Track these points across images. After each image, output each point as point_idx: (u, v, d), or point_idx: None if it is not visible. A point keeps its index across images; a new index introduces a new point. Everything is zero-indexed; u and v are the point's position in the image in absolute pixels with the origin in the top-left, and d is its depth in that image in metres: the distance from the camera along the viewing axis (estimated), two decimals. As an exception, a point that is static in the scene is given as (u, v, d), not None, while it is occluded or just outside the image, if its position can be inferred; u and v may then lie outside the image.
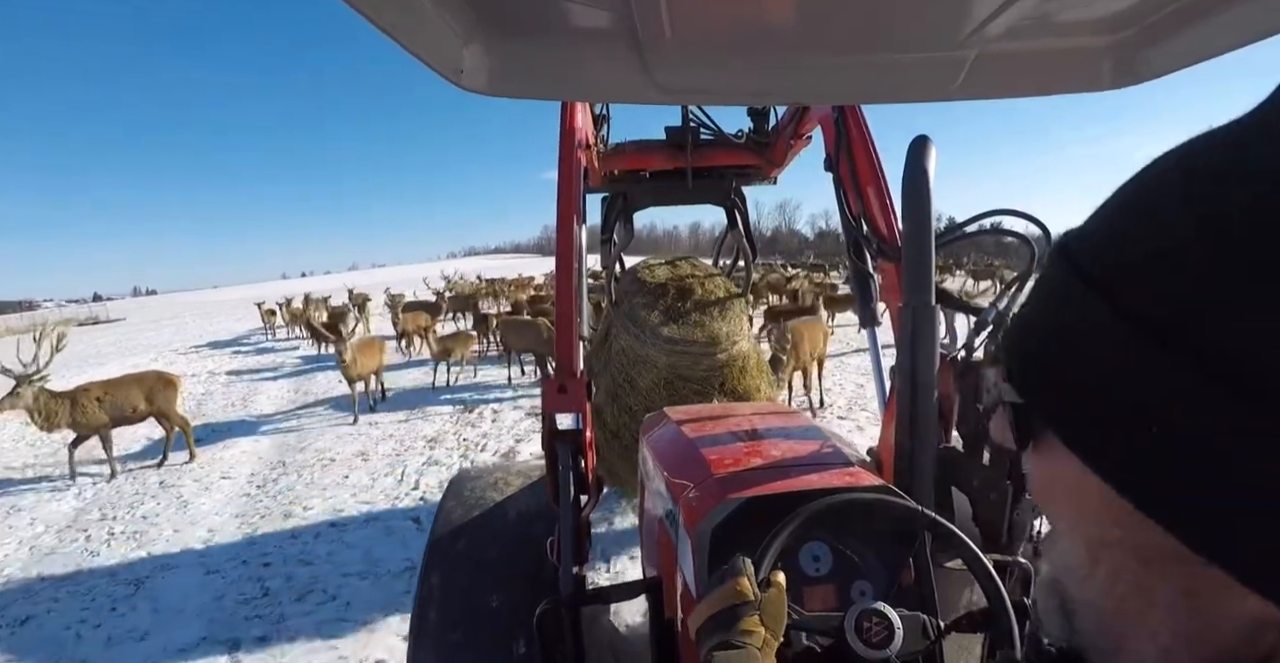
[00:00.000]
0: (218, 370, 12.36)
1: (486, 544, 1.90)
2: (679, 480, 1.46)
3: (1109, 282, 0.26)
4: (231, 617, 3.48)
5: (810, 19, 1.00)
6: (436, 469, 5.65)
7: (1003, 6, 0.90)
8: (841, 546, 1.15)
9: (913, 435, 1.34)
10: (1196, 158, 0.26)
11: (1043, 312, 0.30)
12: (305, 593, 3.67)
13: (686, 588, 1.25)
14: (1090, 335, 0.26)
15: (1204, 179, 0.25)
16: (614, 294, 3.14)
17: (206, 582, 3.91)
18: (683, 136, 2.49)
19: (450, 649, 1.73)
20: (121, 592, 3.86)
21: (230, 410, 8.85)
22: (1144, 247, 0.25)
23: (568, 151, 1.87)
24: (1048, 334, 0.29)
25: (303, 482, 5.63)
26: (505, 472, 2.23)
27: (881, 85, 1.15)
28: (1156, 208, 0.26)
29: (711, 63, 1.12)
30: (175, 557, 4.31)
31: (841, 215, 1.86)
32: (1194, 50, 0.93)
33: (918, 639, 0.84)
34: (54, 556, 4.44)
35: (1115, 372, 0.25)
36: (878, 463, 1.58)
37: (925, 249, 1.27)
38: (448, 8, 0.91)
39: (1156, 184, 0.27)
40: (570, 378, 1.63)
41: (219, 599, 3.67)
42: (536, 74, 1.10)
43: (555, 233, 1.81)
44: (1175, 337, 0.23)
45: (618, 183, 2.69)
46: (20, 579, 4.13)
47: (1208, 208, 0.23)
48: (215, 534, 4.63)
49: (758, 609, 0.74)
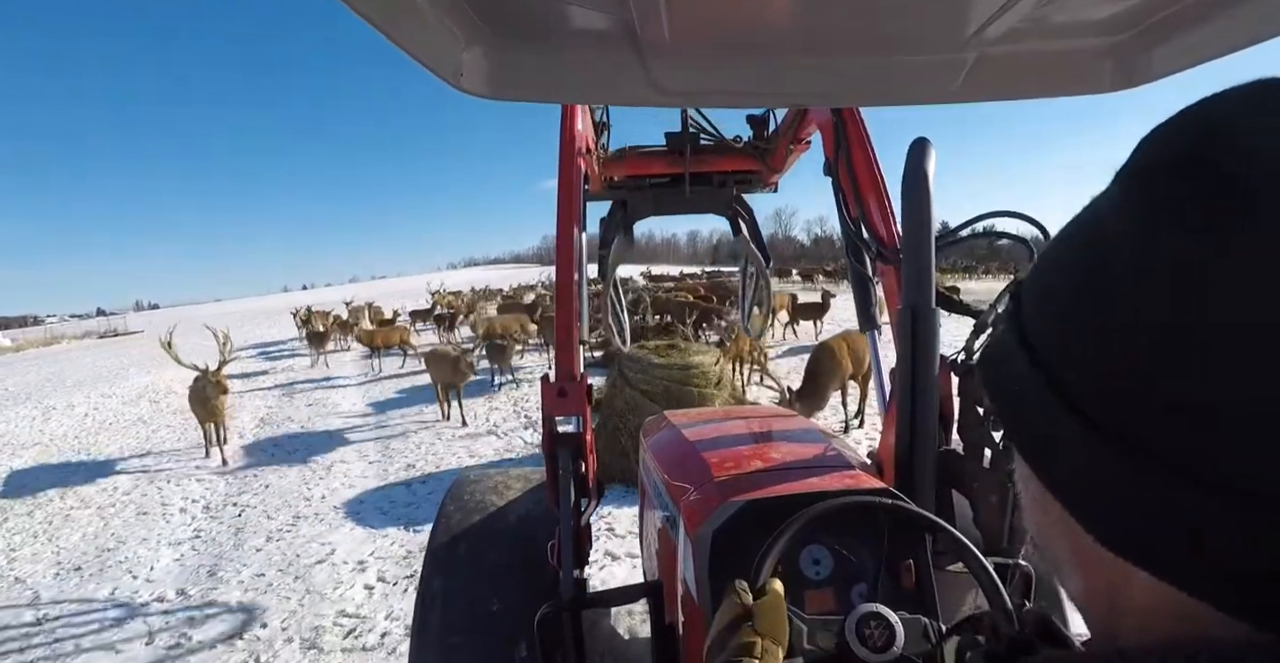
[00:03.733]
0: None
1: (487, 548, 1.89)
2: (679, 484, 1.46)
3: (1026, 329, 0.34)
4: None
5: (810, 21, 0.99)
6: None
7: (1003, 9, 0.90)
8: (842, 549, 1.14)
9: (913, 438, 1.33)
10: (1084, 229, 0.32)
11: (996, 341, 0.38)
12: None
13: (687, 592, 1.24)
14: (1010, 364, 0.34)
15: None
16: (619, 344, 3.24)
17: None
18: (682, 142, 2.48)
19: (452, 653, 1.72)
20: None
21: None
22: (1045, 298, 0.33)
23: (568, 158, 1.87)
24: (997, 360, 0.36)
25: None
26: (505, 476, 2.22)
27: (882, 87, 1.15)
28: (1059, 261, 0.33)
29: (711, 65, 1.12)
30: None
31: (840, 219, 1.85)
32: (1194, 52, 0.93)
33: (919, 642, 0.83)
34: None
35: (1021, 394, 0.33)
36: (878, 466, 1.58)
37: (925, 251, 1.27)
38: (447, 12, 0.91)
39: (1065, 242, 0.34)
40: (570, 381, 1.61)
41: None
42: (536, 77, 1.10)
43: (555, 238, 1.80)
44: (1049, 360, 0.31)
45: (618, 190, 2.68)
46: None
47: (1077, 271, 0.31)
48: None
49: (751, 621, 0.73)
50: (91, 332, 40.12)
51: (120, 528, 5.31)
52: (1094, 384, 0.29)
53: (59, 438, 9.03)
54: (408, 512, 5.17)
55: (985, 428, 1.35)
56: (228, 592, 4.05)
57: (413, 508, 5.24)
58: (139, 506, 5.83)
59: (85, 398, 12.37)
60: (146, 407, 10.98)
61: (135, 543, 4.97)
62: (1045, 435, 0.31)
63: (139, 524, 5.37)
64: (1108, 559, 0.30)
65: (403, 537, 4.66)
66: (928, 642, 0.84)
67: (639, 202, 2.61)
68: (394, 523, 4.96)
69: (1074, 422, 0.29)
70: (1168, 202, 0.27)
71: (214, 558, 4.59)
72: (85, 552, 4.89)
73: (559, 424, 1.62)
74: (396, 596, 3.83)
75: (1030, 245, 1.30)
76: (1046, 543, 0.36)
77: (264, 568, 4.36)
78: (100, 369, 17.85)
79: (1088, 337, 0.29)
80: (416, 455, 6.69)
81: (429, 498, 5.31)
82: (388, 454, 6.83)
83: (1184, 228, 0.26)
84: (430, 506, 4.99)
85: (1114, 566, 0.30)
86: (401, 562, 4.25)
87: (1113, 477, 0.28)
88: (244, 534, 5.02)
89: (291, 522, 5.17)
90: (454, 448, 6.85)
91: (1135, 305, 0.27)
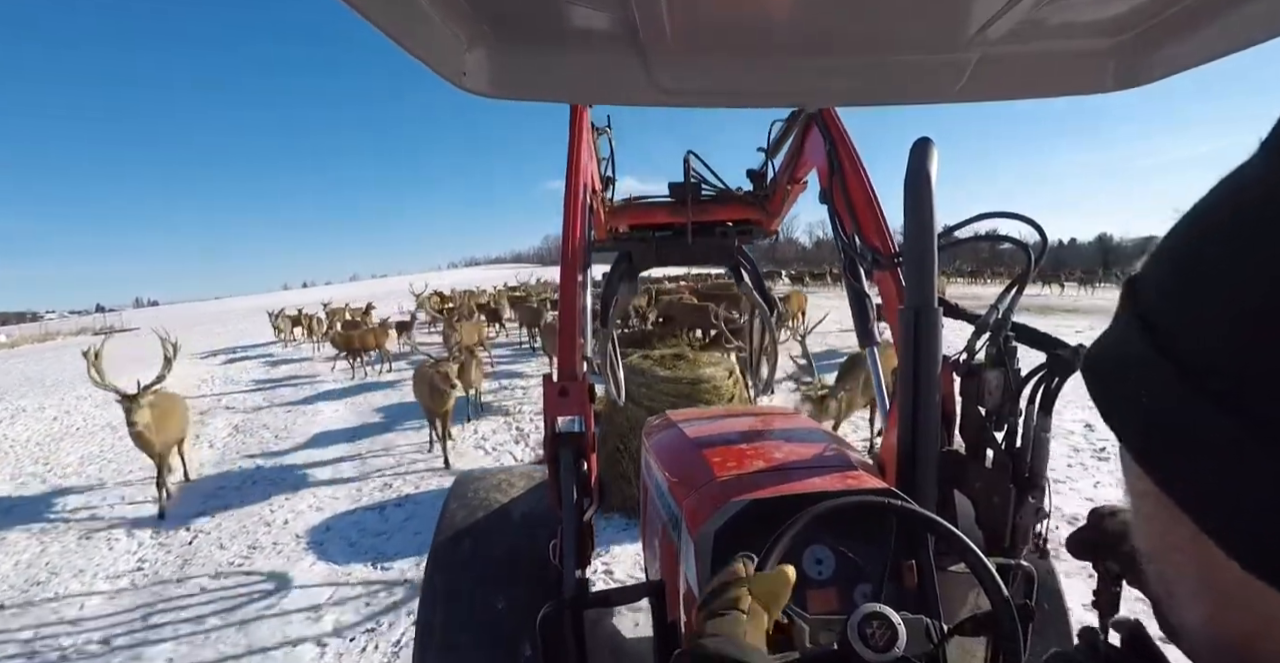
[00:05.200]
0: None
1: (490, 547, 1.88)
2: (682, 483, 1.46)
3: (1151, 320, 0.30)
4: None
5: (813, 21, 1.00)
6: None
7: (1004, 9, 0.91)
8: (844, 549, 1.15)
9: (915, 438, 1.33)
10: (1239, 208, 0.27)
11: (1110, 343, 0.33)
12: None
13: (690, 591, 1.24)
14: (1136, 364, 0.29)
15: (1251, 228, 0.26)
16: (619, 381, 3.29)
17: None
18: (685, 191, 2.60)
19: (456, 652, 1.71)
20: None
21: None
22: (1192, 295, 0.28)
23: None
24: (1114, 363, 0.32)
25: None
26: (508, 474, 2.21)
27: (885, 87, 1.16)
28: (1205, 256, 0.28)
29: (713, 65, 1.13)
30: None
31: (836, 239, 1.91)
32: (1196, 53, 0.94)
33: (921, 642, 0.83)
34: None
35: (1149, 395, 0.28)
36: (880, 465, 1.57)
37: (928, 251, 1.27)
38: (450, 11, 0.92)
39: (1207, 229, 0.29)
40: (572, 381, 1.60)
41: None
42: (539, 76, 1.11)
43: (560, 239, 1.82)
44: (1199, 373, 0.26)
45: (622, 242, 2.79)
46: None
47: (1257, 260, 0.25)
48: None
49: (749, 584, 0.73)
50: (87, 328, 39.51)
51: (58, 556, 4.77)
52: (1261, 385, 0.24)
53: (20, 444, 8.43)
54: (377, 544, 4.59)
55: (987, 428, 1.35)
56: (158, 645, 3.55)
57: (383, 539, 4.65)
58: (84, 529, 5.28)
59: (60, 400, 11.79)
60: (119, 411, 10.14)
61: (69, 576, 4.44)
62: (1184, 444, 0.27)
63: (79, 552, 4.83)
64: (1252, 590, 0.25)
65: (368, 575, 4.14)
66: (930, 642, 0.85)
67: (643, 252, 2.70)
68: (360, 557, 4.39)
69: (1230, 425, 0.24)
70: None
71: (153, 597, 4.08)
72: (14, 584, 4.37)
73: (560, 423, 1.61)
74: (353, 655, 3.29)
75: (1028, 248, 1.33)
76: (1165, 568, 0.32)
77: (206, 612, 3.86)
78: (82, 369, 16.93)
79: (1249, 328, 0.24)
80: (395, 473, 6.12)
81: (403, 527, 4.80)
82: (363, 471, 6.26)
83: None
84: (404, 535, 4.63)
85: (1259, 598, 0.25)
86: (363, 610, 3.72)
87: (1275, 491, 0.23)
88: (191, 566, 4.47)
89: (246, 553, 4.64)
90: (434, 464, 6.24)
91: None
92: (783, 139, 2.38)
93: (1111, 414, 0.31)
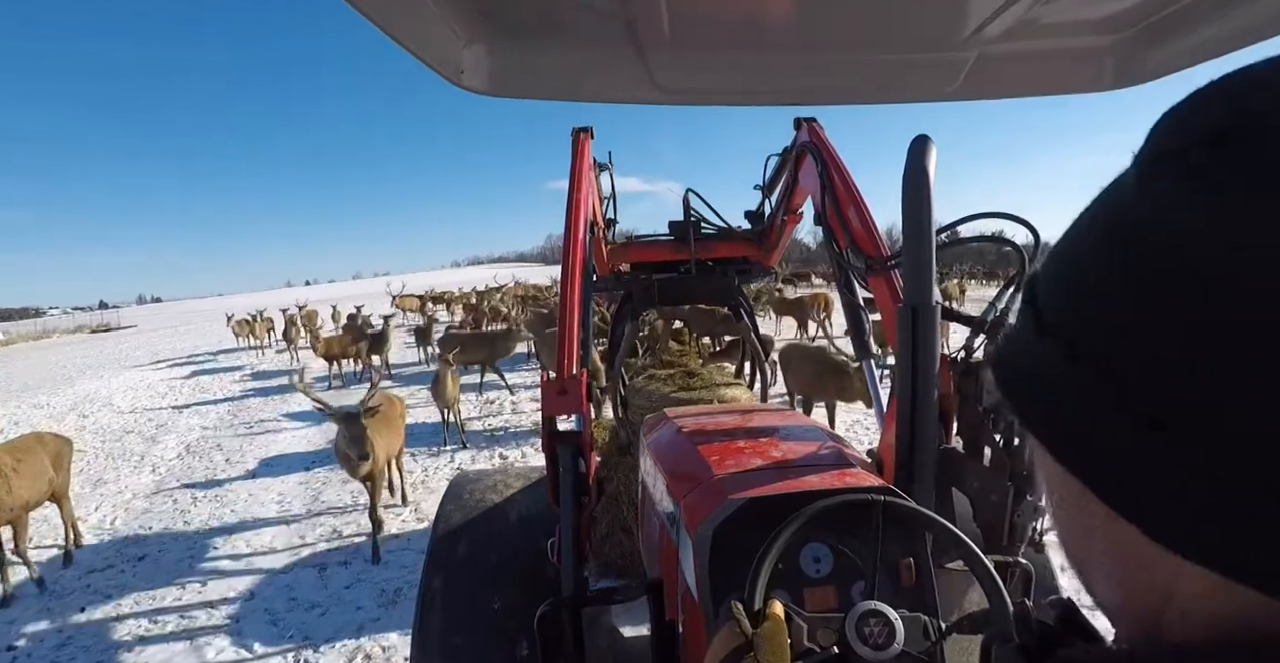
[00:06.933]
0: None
1: (487, 547, 1.89)
2: (680, 481, 1.46)
3: (1038, 306, 0.33)
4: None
5: (811, 20, 1.00)
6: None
7: (1002, 7, 0.90)
8: (842, 546, 1.14)
9: (913, 436, 1.33)
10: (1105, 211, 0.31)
11: (1011, 338, 0.37)
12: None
13: (688, 589, 1.24)
14: (1028, 352, 0.33)
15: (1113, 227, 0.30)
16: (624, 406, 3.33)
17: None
18: (685, 228, 2.66)
19: (453, 652, 1.72)
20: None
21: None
22: (1066, 281, 0.32)
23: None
24: (1013, 352, 0.35)
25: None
26: (505, 474, 2.23)
27: (883, 86, 1.15)
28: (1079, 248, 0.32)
29: (711, 63, 1.12)
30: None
31: (831, 255, 1.93)
32: (1194, 52, 0.93)
33: (919, 640, 0.84)
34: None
35: (1045, 380, 0.32)
36: (878, 463, 1.58)
37: (925, 249, 1.26)
38: (449, 10, 0.92)
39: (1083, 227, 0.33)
40: (570, 379, 1.62)
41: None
42: (537, 75, 1.11)
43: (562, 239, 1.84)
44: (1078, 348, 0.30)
45: (623, 283, 2.83)
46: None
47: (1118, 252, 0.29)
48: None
49: (753, 650, 0.72)
50: (84, 326, 39.23)
51: None
52: (1145, 376, 0.27)
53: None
54: (308, 620, 3.54)
55: (985, 426, 1.35)
56: None
57: (317, 613, 3.61)
58: None
59: (15, 408, 11.22)
60: (73, 422, 9.52)
61: None
62: (1084, 431, 0.30)
63: None
64: (1155, 557, 0.28)
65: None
66: (928, 640, 0.85)
67: (644, 293, 2.73)
68: (281, 641, 3.37)
69: (1122, 415, 0.27)
70: (1199, 178, 0.26)
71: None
72: None
73: (558, 421, 1.62)
74: None
75: (1021, 249, 1.31)
76: (1080, 545, 0.35)
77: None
78: (53, 371, 16.61)
79: (1129, 329, 0.27)
80: (348, 513, 5.10)
81: (343, 596, 3.78)
82: (312, 512, 5.20)
83: (1224, 205, 0.25)
84: (343, 607, 3.67)
85: (1162, 563, 0.28)
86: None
87: (1166, 466, 0.26)
88: (67, 651, 3.42)
89: (142, 634, 3.56)
90: (391, 502, 5.21)
91: (1176, 295, 0.25)
92: (779, 173, 2.45)
93: (1019, 406, 0.34)
